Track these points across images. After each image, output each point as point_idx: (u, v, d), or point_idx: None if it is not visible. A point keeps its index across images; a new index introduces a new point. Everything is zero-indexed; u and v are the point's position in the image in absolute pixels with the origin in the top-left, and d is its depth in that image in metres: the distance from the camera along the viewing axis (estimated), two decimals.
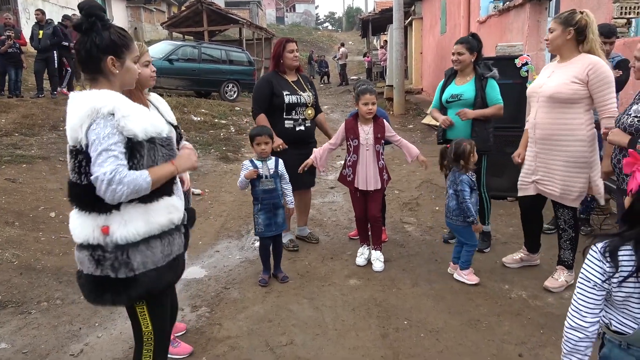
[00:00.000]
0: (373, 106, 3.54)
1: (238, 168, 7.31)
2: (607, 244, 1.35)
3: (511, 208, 4.87)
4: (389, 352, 2.64)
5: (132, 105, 1.70)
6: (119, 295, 1.71)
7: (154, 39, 22.41)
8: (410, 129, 10.38)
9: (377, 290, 3.35)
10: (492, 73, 3.73)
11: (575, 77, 2.94)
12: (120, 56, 1.72)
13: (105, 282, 1.70)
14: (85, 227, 1.70)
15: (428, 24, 15.44)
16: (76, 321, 3.03)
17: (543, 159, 3.18)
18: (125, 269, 1.68)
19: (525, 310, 3.03)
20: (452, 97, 3.78)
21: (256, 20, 28.76)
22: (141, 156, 1.67)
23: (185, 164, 1.87)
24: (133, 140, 1.65)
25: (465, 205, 3.27)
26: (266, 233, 3.44)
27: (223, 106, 11.96)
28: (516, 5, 7.12)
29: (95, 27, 1.66)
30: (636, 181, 1.32)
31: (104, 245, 1.68)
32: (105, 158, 1.57)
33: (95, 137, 1.58)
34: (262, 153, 3.40)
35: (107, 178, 1.55)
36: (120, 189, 1.57)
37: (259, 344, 2.74)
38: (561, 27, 2.99)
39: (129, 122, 1.63)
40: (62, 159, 6.25)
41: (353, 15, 54.97)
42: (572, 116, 3.01)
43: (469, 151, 3.29)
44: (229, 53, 14.62)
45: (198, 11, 18.55)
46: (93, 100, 1.62)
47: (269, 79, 3.99)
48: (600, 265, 1.36)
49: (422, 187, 5.98)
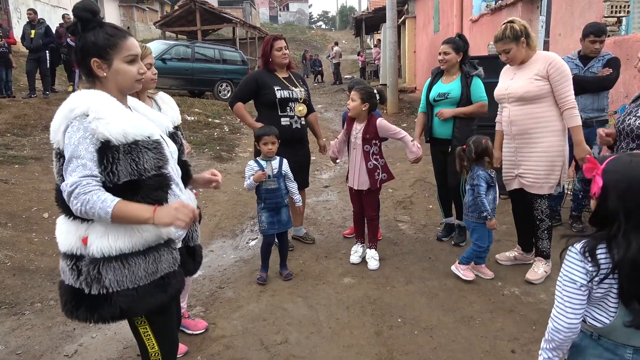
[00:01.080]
0: (351, 101, 3.57)
1: (232, 167, 7.32)
2: (585, 244, 1.36)
3: (503, 206, 4.90)
4: (383, 349, 2.65)
5: (112, 107, 1.57)
6: (92, 312, 1.58)
7: (147, 39, 22.31)
8: (404, 127, 10.39)
9: (371, 289, 3.37)
10: (477, 71, 3.78)
11: (537, 75, 3.10)
12: (106, 57, 1.60)
13: (81, 296, 1.58)
14: (69, 235, 1.60)
15: (421, 23, 15.49)
16: (70, 322, 3.02)
17: (523, 152, 3.27)
18: (97, 285, 1.55)
19: (518, 306, 3.06)
20: (439, 96, 3.83)
21: (249, 19, 28.71)
22: (113, 162, 1.51)
23: (165, 218, 1.54)
24: (107, 145, 1.51)
25: (480, 199, 3.28)
26: (269, 230, 3.45)
27: (217, 105, 11.94)
28: (508, 4, 7.16)
29: (77, 29, 1.60)
30: (597, 185, 1.34)
31: (85, 256, 1.57)
32: (74, 167, 1.48)
33: (68, 141, 1.49)
34: (268, 153, 3.39)
35: (68, 190, 1.46)
36: (75, 204, 1.46)
37: (254, 343, 2.75)
38: (514, 43, 3.13)
39: (101, 125, 1.50)
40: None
41: (346, 14, 54.95)
42: (543, 109, 3.14)
43: (491, 147, 3.34)
44: (222, 52, 14.57)
45: (191, 10, 18.48)
46: (71, 101, 1.55)
47: (257, 74, 3.99)
48: (582, 265, 1.36)
49: (416, 186, 6.01)
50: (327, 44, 35.68)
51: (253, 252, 4.12)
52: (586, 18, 5.38)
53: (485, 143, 3.32)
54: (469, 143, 3.36)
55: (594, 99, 4.05)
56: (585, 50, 4.08)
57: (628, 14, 5.40)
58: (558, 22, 6.24)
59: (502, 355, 2.57)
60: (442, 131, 3.82)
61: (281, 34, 4.07)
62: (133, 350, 2.70)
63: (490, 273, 3.48)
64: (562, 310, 1.41)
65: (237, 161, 7.81)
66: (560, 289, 1.42)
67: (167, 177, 1.67)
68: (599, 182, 1.33)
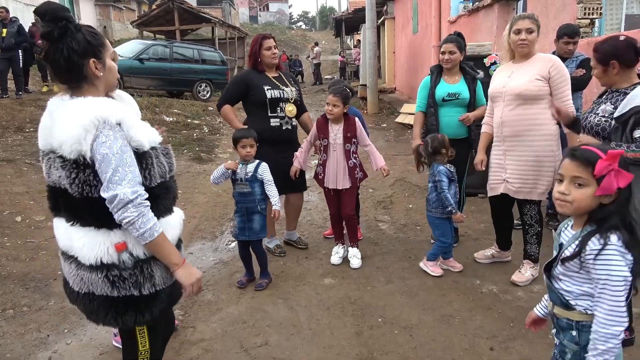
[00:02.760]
0: (334, 108, 3.51)
1: (211, 168, 7.23)
2: (621, 238, 1.39)
3: (482, 204, 4.97)
4: (364, 349, 2.65)
5: (133, 114, 1.62)
6: (142, 314, 1.63)
7: (124, 38, 21.96)
8: (384, 127, 10.46)
9: (351, 289, 3.37)
10: (480, 75, 3.81)
11: (539, 75, 3.07)
12: (100, 57, 1.59)
13: (128, 301, 1.60)
14: (95, 246, 1.56)
15: (400, 24, 15.60)
16: (44, 328, 2.95)
17: (512, 155, 3.24)
18: (149, 285, 1.61)
19: (496, 304, 3.10)
20: (449, 96, 3.75)
21: (229, 19, 28.48)
22: (151, 166, 1.59)
23: (186, 276, 1.64)
24: (139, 152, 1.56)
25: (443, 195, 3.33)
26: (238, 237, 3.40)
27: (196, 106, 11.82)
28: (485, 6, 7.26)
29: (69, 31, 1.52)
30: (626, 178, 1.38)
31: (120, 263, 1.57)
32: (122, 175, 1.48)
33: (108, 151, 1.48)
34: (246, 156, 3.31)
35: (128, 197, 1.48)
36: (132, 212, 1.49)
37: (233, 346, 2.72)
38: (537, 29, 3.13)
39: (136, 133, 1.55)
40: (28, 161, 6.07)
41: (327, 14, 55.04)
42: (538, 112, 3.12)
43: (447, 141, 3.38)
44: (201, 52, 14.43)
45: (169, 10, 18.28)
46: (97, 109, 1.50)
47: (245, 75, 3.85)
48: (626, 258, 1.39)
49: (396, 186, 6.04)
50: (307, 44, 35.70)
51: (233, 254, 4.08)
52: (560, 19, 5.49)
53: (441, 138, 3.39)
54: (426, 139, 3.43)
55: None
56: (560, 51, 4.16)
57: (600, 15, 5.54)
58: None
59: (480, 352, 2.60)
60: (453, 131, 3.72)
61: (270, 33, 3.92)
62: (109, 355, 2.65)
63: (459, 265, 3.56)
64: (618, 313, 1.39)
65: (217, 162, 7.74)
66: (613, 291, 1.39)
67: (175, 179, 1.81)
68: (627, 175, 1.37)
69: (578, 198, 1.44)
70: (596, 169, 1.39)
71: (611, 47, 2.45)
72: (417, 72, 12.12)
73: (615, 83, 2.52)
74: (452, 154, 3.42)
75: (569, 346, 1.53)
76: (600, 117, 2.53)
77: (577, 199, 1.44)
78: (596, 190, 1.40)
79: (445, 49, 3.74)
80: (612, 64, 2.45)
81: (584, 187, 1.43)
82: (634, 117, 2.33)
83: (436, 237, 3.58)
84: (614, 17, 9.01)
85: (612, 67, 2.46)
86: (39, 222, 4.64)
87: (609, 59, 2.45)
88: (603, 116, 2.51)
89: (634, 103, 2.33)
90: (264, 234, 3.44)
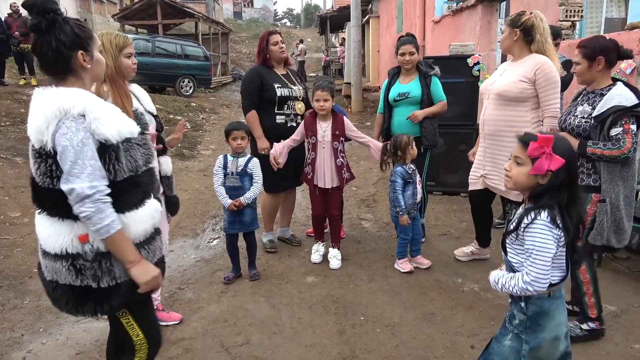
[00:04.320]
0: (325, 103, 3.50)
1: (194, 165, 7.17)
2: (549, 214, 1.58)
3: (464, 204, 5.00)
4: (346, 348, 2.64)
5: (104, 106, 1.58)
6: (102, 305, 1.62)
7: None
8: (368, 126, 10.47)
9: (334, 287, 3.36)
10: (435, 71, 3.83)
11: (524, 76, 3.04)
12: (88, 49, 1.59)
13: (87, 292, 1.59)
14: (60, 235, 1.57)
15: (385, 23, 15.64)
16: (18, 327, 2.87)
17: (490, 154, 3.29)
18: (108, 278, 1.59)
19: (477, 302, 3.12)
20: (399, 96, 3.82)
21: (213, 14, 28.18)
22: (116, 160, 1.55)
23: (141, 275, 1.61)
24: (106, 144, 1.52)
25: (395, 195, 3.43)
26: (229, 230, 3.40)
27: (178, 102, 11.67)
28: (469, 7, 7.31)
29: (57, 23, 1.52)
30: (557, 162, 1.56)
31: (83, 254, 1.57)
32: (81, 169, 1.46)
33: (68, 143, 1.45)
34: (237, 148, 3.30)
35: (86, 192, 1.46)
36: (88, 207, 1.47)
37: (214, 345, 2.69)
38: (509, 28, 3.12)
39: (100, 125, 1.51)
40: (3, 156, 5.90)
41: (311, 12, 54.90)
42: (517, 114, 3.11)
43: (406, 142, 3.42)
44: (184, 47, 14.27)
45: (152, 4, 17.96)
46: (61, 99, 1.48)
47: (258, 71, 3.80)
48: (552, 233, 1.58)
49: (379, 184, 6.05)
50: (291, 41, 35.50)
51: (214, 252, 4.04)
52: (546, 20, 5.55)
53: (402, 138, 3.44)
54: (392, 139, 3.49)
55: None
56: None
57: (581, 18, 5.63)
58: None
59: (462, 350, 2.61)
60: (404, 131, 3.78)
61: (276, 29, 3.92)
62: (86, 355, 2.59)
63: (427, 262, 3.62)
64: (542, 273, 1.59)
65: (199, 159, 7.66)
66: (536, 257, 1.59)
67: (154, 171, 1.77)
68: (558, 159, 1.56)
69: (515, 175, 1.67)
70: (528, 150, 1.60)
71: (599, 44, 2.51)
72: None
73: (594, 81, 2.57)
74: (414, 153, 3.46)
75: (518, 315, 1.73)
76: (580, 119, 2.57)
77: (514, 175, 1.68)
78: (530, 170, 1.61)
79: (405, 50, 3.77)
80: (599, 60, 2.49)
81: (522, 165, 1.66)
82: (611, 116, 2.41)
83: (397, 234, 3.66)
84: (594, 20, 9.18)
85: (598, 63, 2.50)
86: (14, 218, 4.52)
87: (596, 54, 2.49)
88: (582, 117, 2.56)
89: (612, 103, 2.41)
90: (256, 226, 3.46)
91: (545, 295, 1.66)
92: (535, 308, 1.67)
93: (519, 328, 1.72)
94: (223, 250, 4.03)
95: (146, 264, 1.64)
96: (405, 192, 3.44)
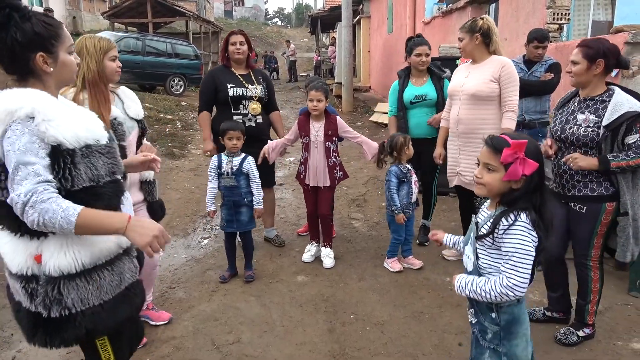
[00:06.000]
0: (319, 103, 3.52)
1: (184, 164, 7.15)
2: (529, 216, 1.56)
3: (453, 204, 5.06)
4: (336, 346, 2.68)
5: (60, 107, 1.42)
6: (52, 337, 1.43)
7: (94, 29, 21.39)
8: (359, 126, 10.52)
9: (324, 286, 3.39)
10: (447, 74, 3.89)
11: (492, 77, 3.24)
12: (52, 50, 1.43)
13: (38, 319, 1.43)
14: (17, 254, 1.42)
15: (376, 23, 15.70)
16: (7, 327, 2.86)
17: (465, 151, 3.40)
18: (58, 307, 1.41)
19: (465, 301, 3.14)
20: (416, 98, 3.85)
21: (203, 13, 28.05)
22: (71, 166, 1.38)
23: (140, 236, 1.40)
24: (60, 149, 1.36)
25: (390, 194, 3.47)
26: (226, 229, 3.42)
27: (169, 101, 11.63)
28: (458, 8, 7.39)
29: (13, 20, 1.36)
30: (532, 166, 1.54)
31: (39, 275, 1.41)
32: (23, 175, 1.30)
33: (10, 147, 1.31)
34: (232, 148, 3.31)
35: (22, 200, 1.29)
36: (32, 215, 1.29)
37: (205, 344, 2.70)
38: (468, 35, 3.27)
39: (51, 127, 1.35)
40: None
41: (302, 11, 54.89)
42: (489, 112, 3.29)
43: (402, 143, 3.46)
44: (175, 46, 14.20)
45: (142, 1, 17.86)
46: (7, 101, 1.34)
47: (212, 72, 3.90)
48: (533, 234, 1.56)
49: (370, 184, 6.09)
50: (282, 41, 35.52)
51: (205, 251, 4.05)
52: (530, 24, 5.64)
53: (398, 139, 3.48)
54: (389, 139, 3.54)
55: (536, 102, 4.24)
56: (529, 55, 4.27)
57: (568, 21, 5.72)
58: (505, 27, 6.50)
59: (449, 348, 2.65)
60: (423, 132, 3.86)
61: (241, 29, 3.91)
62: (76, 355, 2.59)
63: (419, 262, 3.65)
64: (524, 278, 1.55)
65: (190, 158, 7.65)
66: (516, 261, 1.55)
67: (121, 183, 1.60)
68: (532, 163, 1.54)
69: (488, 182, 1.63)
70: (502, 156, 1.56)
71: (603, 46, 2.38)
72: (392, 71, 12.22)
73: (589, 85, 2.45)
74: (409, 154, 3.50)
75: (490, 327, 1.69)
76: (585, 128, 2.42)
77: (487, 183, 1.63)
78: (504, 176, 1.58)
79: (421, 50, 3.82)
80: (599, 63, 2.37)
81: (493, 172, 1.61)
82: (625, 123, 2.29)
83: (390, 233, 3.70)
84: (581, 22, 9.28)
85: (597, 66, 2.38)
86: None
87: (598, 56, 2.37)
88: (588, 126, 2.41)
89: (623, 109, 2.29)
90: (253, 225, 3.48)
91: (515, 302, 1.65)
92: (507, 317, 1.65)
93: (494, 342, 1.68)
94: (214, 250, 4.05)
95: (139, 223, 1.42)
96: (400, 192, 3.48)
